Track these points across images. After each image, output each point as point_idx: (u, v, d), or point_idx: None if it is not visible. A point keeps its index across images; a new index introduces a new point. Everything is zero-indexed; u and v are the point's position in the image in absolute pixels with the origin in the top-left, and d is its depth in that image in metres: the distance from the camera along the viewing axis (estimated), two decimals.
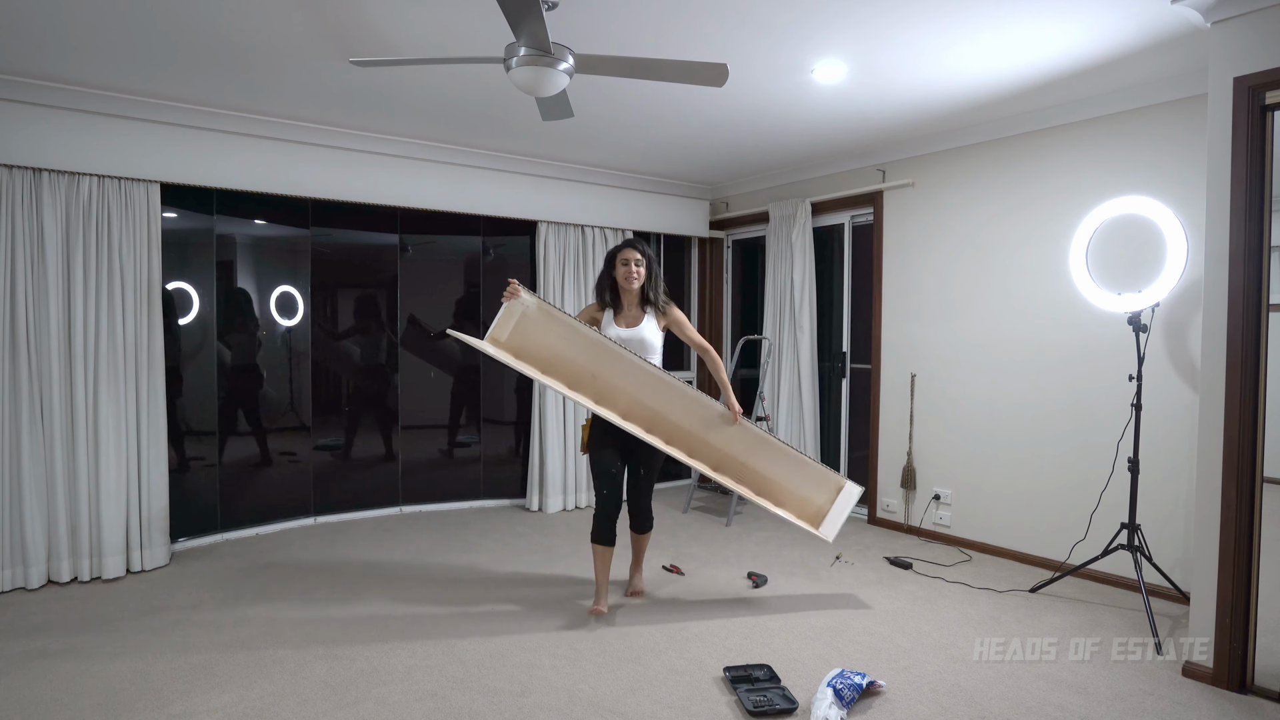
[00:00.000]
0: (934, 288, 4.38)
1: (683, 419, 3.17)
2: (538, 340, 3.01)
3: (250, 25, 2.80)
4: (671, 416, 3.15)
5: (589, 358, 3.03)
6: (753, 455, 3.26)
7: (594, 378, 3.04)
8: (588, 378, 3.04)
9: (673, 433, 3.16)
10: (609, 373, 3.04)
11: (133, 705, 2.39)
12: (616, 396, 3.07)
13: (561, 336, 3.02)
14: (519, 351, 2.99)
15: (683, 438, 3.18)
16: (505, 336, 2.97)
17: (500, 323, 2.97)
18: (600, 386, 3.04)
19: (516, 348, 2.99)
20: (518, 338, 2.99)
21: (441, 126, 4.19)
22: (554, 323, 3.01)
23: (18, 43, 2.95)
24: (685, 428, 3.18)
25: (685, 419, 3.17)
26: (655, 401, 3.11)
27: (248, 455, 4.51)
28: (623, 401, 3.07)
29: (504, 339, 2.97)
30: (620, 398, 3.07)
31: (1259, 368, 2.45)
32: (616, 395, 3.07)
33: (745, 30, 2.82)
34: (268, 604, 3.29)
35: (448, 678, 2.61)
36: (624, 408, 3.07)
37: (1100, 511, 3.55)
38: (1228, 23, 2.47)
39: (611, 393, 3.06)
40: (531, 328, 2.99)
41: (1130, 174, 3.49)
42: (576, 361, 3.03)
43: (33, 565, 3.44)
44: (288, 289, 4.61)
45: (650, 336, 3.14)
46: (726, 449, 3.23)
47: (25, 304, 3.41)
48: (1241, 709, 2.41)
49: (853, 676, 2.49)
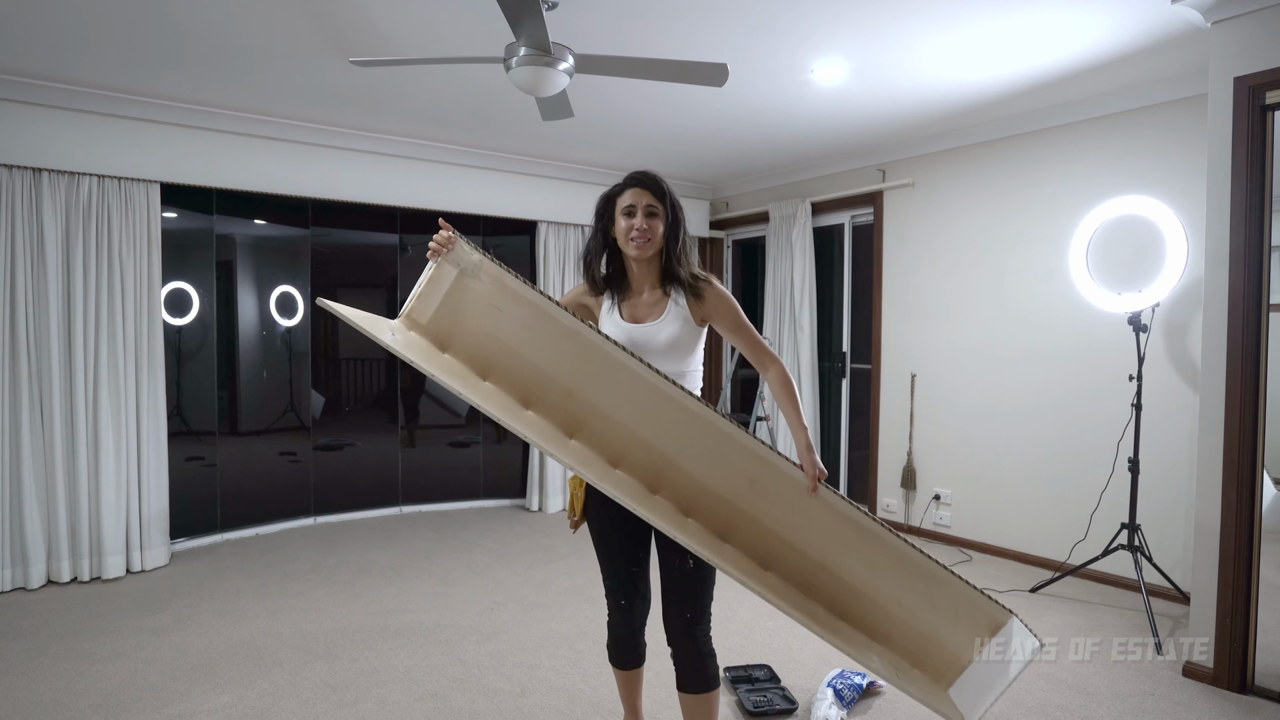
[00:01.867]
0: (934, 287, 4.37)
1: (720, 480, 1.75)
2: (477, 327, 1.77)
3: (250, 25, 2.80)
4: (700, 473, 1.74)
5: (563, 361, 1.75)
6: (840, 550, 1.79)
7: (567, 395, 1.75)
8: (556, 395, 1.76)
9: (703, 502, 1.76)
10: (594, 389, 1.75)
11: (132, 705, 2.39)
12: (604, 431, 1.75)
13: (520, 323, 1.76)
14: (444, 342, 1.77)
15: (722, 513, 1.77)
16: (427, 318, 1.77)
17: (422, 295, 1.76)
18: (575, 412, 1.75)
19: (441, 336, 1.77)
20: (446, 320, 1.77)
21: (441, 126, 4.19)
22: (509, 299, 1.76)
23: (18, 43, 2.95)
24: (723, 494, 1.75)
25: (724, 481, 1.75)
26: (674, 445, 1.74)
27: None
28: (615, 441, 1.75)
29: (425, 321, 1.77)
30: (611, 433, 1.75)
31: (1259, 368, 2.45)
32: (604, 429, 1.75)
33: (745, 30, 2.82)
34: (268, 604, 3.29)
35: (448, 678, 2.61)
36: (616, 451, 1.76)
37: (1100, 511, 3.55)
38: (1228, 23, 2.47)
39: (594, 423, 1.75)
40: (471, 306, 1.77)
41: (1130, 174, 3.49)
42: (539, 366, 1.76)
43: (33, 565, 3.44)
44: (288, 289, 4.61)
45: (675, 336, 1.87)
46: (791, 536, 1.77)
47: (25, 304, 3.41)
48: (1241, 709, 2.41)
49: (853, 677, 2.49)
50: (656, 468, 1.76)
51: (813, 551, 1.78)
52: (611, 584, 1.96)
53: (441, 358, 1.76)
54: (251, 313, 4.52)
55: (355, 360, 5.09)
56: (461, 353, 1.78)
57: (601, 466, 1.74)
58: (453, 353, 1.78)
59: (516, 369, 1.77)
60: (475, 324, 1.78)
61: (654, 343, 1.86)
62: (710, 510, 1.76)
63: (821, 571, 1.79)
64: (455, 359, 1.78)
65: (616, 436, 1.75)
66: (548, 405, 1.77)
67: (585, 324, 1.74)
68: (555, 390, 1.76)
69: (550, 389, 1.77)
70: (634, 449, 1.75)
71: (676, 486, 1.76)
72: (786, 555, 1.78)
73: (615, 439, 1.76)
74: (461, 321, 1.78)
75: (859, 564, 1.79)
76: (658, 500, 1.75)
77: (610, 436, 1.76)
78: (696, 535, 1.73)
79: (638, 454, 1.75)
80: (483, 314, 1.78)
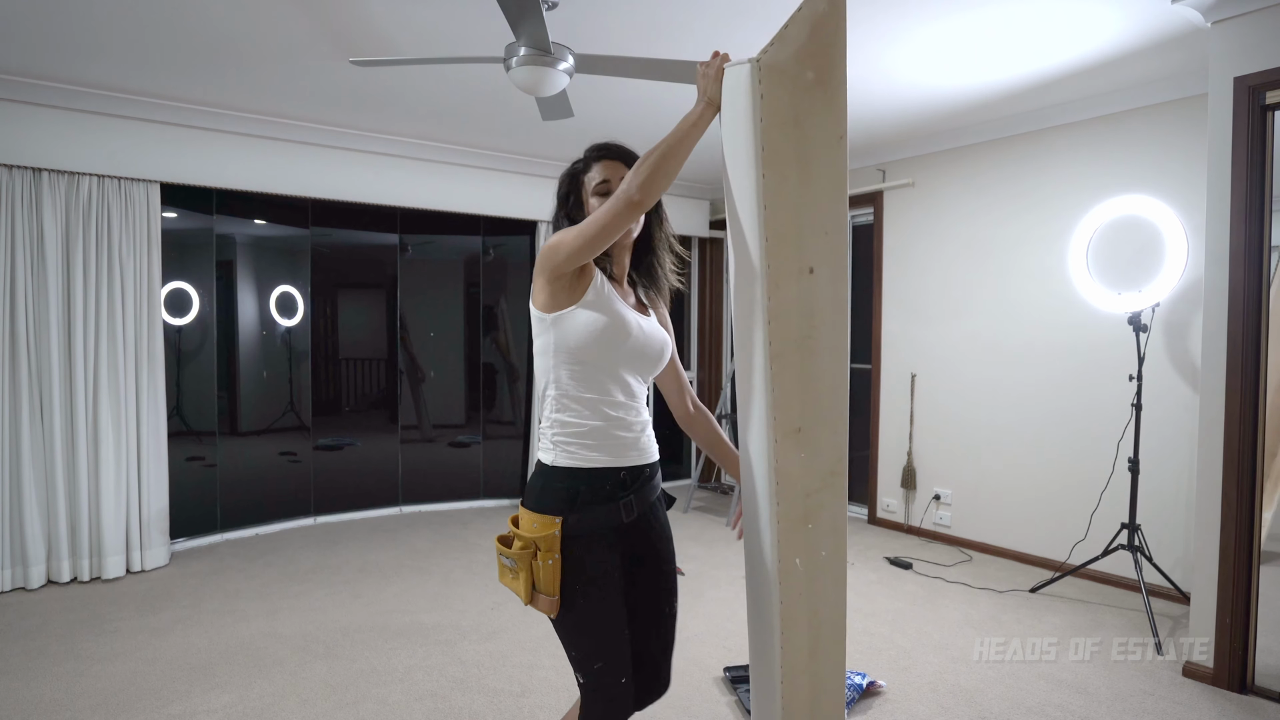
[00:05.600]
0: (934, 287, 4.37)
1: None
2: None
3: (250, 25, 2.80)
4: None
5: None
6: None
7: (805, 338, 1.25)
8: (795, 337, 1.24)
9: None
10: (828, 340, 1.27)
11: (132, 705, 2.39)
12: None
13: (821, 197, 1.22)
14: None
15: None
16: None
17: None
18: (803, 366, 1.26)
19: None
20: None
21: (441, 126, 4.19)
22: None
23: (18, 43, 2.95)
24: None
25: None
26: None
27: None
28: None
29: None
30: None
31: (1259, 368, 2.45)
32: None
33: (745, 30, 2.82)
34: (268, 604, 3.29)
35: (448, 678, 2.61)
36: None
37: (1100, 511, 3.55)
38: (1228, 23, 2.47)
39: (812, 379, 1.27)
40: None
41: (1130, 174, 3.49)
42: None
43: (33, 565, 3.44)
44: (288, 289, 4.62)
45: (670, 345, 1.57)
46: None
47: (25, 304, 3.41)
48: (1241, 709, 2.41)
49: (853, 676, 2.49)
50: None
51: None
52: (614, 660, 1.42)
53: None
54: (251, 313, 4.52)
55: (355, 360, 5.09)
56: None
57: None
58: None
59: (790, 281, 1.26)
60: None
61: (660, 344, 1.51)
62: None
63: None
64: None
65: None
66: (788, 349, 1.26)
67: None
68: (794, 331, 1.25)
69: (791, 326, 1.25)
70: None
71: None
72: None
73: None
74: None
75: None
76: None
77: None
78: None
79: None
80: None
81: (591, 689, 1.42)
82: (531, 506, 1.42)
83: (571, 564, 1.38)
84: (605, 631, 1.42)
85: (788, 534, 1.27)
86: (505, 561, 1.43)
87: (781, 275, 1.17)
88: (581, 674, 1.43)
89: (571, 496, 1.40)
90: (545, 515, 1.39)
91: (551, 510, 1.39)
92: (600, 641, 1.42)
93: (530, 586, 1.39)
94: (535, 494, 1.43)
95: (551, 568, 1.37)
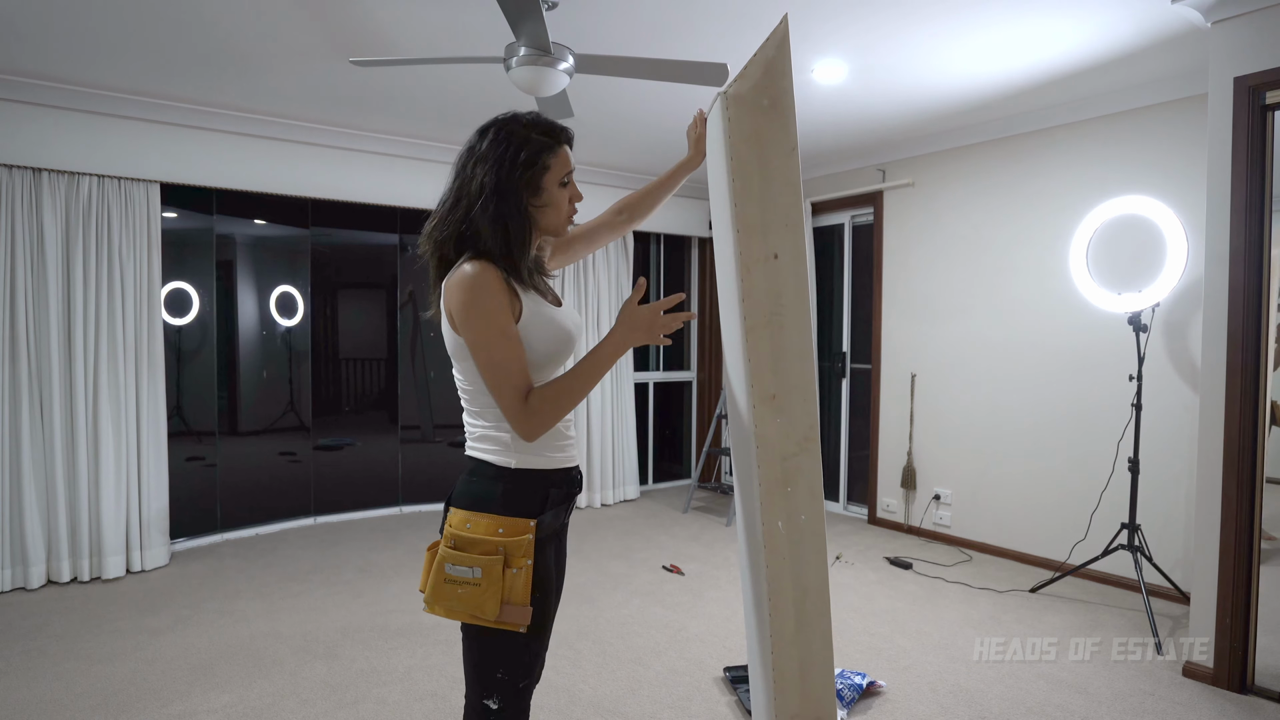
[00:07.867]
0: (934, 287, 4.37)
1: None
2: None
3: (250, 25, 2.80)
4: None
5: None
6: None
7: (773, 315, 1.44)
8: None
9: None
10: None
11: (132, 705, 2.39)
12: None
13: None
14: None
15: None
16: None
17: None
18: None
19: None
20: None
21: (441, 126, 4.19)
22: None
23: (18, 43, 2.95)
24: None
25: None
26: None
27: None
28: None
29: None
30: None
31: (1259, 368, 2.45)
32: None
33: (745, 30, 2.82)
34: (268, 604, 3.29)
35: (448, 678, 2.61)
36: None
37: (1100, 511, 3.55)
38: (1228, 23, 2.47)
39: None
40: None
41: (1130, 174, 3.49)
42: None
43: (33, 565, 3.44)
44: (288, 289, 4.62)
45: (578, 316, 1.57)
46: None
47: (25, 304, 3.41)
48: (1241, 709, 2.41)
49: (853, 676, 2.49)
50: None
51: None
52: (535, 676, 1.39)
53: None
54: (251, 313, 4.53)
55: (355, 360, 5.09)
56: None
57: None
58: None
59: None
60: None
61: (580, 328, 1.47)
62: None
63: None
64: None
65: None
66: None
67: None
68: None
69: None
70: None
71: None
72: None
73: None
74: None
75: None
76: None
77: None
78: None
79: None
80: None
81: (510, 714, 1.33)
82: (499, 510, 1.30)
83: (539, 571, 1.30)
84: (543, 644, 1.36)
85: (769, 496, 1.40)
86: (459, 572, 1.26)
87: (751, 260, 1.39)
88: (499, 696, 1.31)
89: (544, 498, 1.33)
90: (516, 518, 1.29)
91: (523, 513, 1.30)
92: (537, 655, 1.35)
93: (499, 599, 1.26)
94: (499, 497, 1.31)
95: (523, 575, 1.27)
